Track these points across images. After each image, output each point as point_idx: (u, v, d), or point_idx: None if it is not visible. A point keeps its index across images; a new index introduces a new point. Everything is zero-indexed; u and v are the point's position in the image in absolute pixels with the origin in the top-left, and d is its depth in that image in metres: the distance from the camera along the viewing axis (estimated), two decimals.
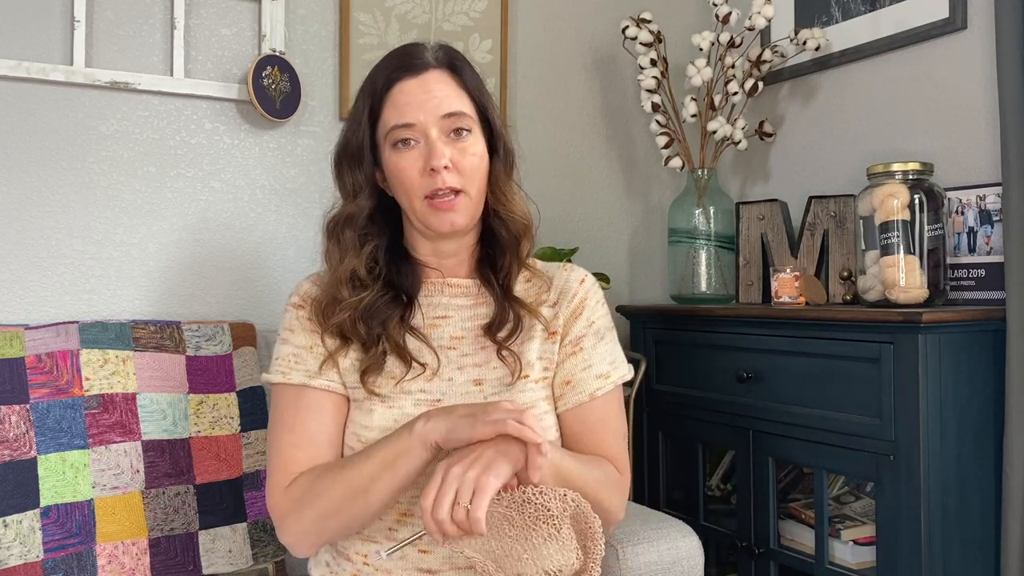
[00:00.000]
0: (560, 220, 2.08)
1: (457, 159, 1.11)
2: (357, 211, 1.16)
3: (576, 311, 1.20)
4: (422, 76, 1.12)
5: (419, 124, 1.10)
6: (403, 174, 1.12)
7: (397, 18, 1.88)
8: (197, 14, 1.70)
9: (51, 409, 1.34)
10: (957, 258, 1.67)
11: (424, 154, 1.10)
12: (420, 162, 1.10)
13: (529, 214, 1.21)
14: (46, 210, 1.59)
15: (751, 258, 2.00)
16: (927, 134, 1.77)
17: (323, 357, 1.15)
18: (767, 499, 1.64)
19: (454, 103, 1.12)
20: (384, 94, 1.12)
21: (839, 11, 1.95)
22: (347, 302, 1.13)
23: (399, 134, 1.11)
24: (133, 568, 1.34)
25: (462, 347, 1.17)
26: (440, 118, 1.10)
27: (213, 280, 1.72)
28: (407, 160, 1.11)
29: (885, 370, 1.42)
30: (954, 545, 1.43)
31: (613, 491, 1.16)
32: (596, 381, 1.19)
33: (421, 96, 1.10)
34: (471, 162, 1.12)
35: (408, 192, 1.13)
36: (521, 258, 1.20)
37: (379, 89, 1.13)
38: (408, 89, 1.11)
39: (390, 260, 1.19)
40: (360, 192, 1.16)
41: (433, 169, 1.09)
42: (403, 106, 1.11)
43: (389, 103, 1.12)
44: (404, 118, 1.10)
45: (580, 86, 2.13)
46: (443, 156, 1.09)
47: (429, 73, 1.12)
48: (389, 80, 1.12)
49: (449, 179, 1.10)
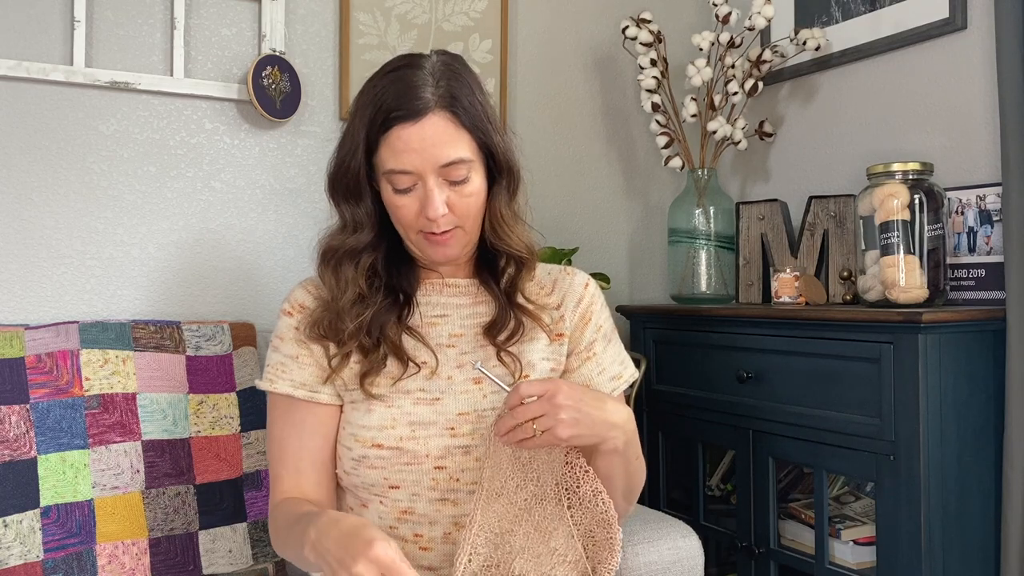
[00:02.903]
0: (560, 220, 2.08)
1: (454, 201, 1.09)
2: (357, 244, 1.15)
3: (584, 317, 1.21)
4: (420, 123, 1.06)
5: (416, 171, 1.08)
6: (399, 211, 1.11)
7: (397, 18, 1.88)
8: (197, 14, 1.70)
9: (51, 409, 1.34)
10: (957, 258, 1.67)
11: (420, 198, 1.09)
12: (416, 205, 1.09)
13: (530, 245, 1.18)
14: (46, 210, 1.59)
15: (751, 258, 2.00)
16: (927, 134, 1.77)
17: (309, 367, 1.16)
18: (767, 499, 1.64)
19: (452, 151, 1.08)
20: (381, 134, 1.08)
21: (839, 11, 1.95)
22: (351, 330, 1.12)
23: (396, 178, 1.09)
24: (133, 568, 1.34)
25: (461, 345, 1.17)
26: (438, 167, 1.08)
27: (213, 280, 1.72)
28: (403, 200, 1.10)
29: (885, 370, 1.42)
30: (954, 545, 1.43)
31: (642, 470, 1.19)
32: (611, 383, 1.21)
33: (418, 144, 1.07)
34: (467, 203, 1.10)
35: (404, 227, 1.12)
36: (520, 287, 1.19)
37: (376, 126, 1.09)
38: (405, 136, 1.07)
39: (389, 264, 1.18)
40: (361, 228, 1.14)
41: (428, 218, 1.08)
42: (400, 152, 1.07)
43: (386, 144, 1.08)
44: (401, 164, 1.07)
45: (580, 86, 2.13)
46: (439, 207, 1.08)
47: (427, 119, 1.07)
48: (387, 122, 1.08)
49: (444, 223, 1.09)
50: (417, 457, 1.10)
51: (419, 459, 1.10)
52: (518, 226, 1.18)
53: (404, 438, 1.10)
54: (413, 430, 1.11)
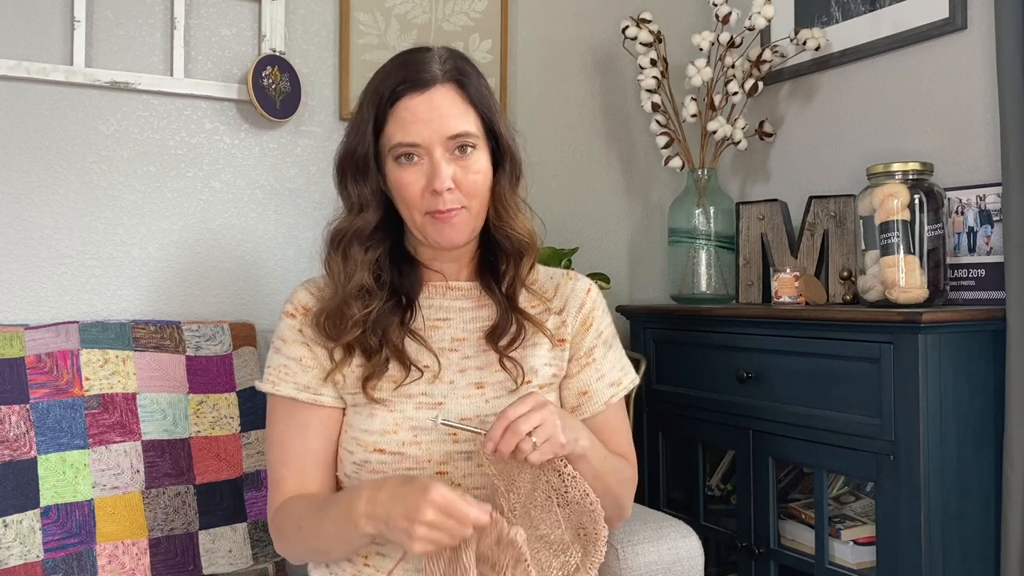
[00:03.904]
0: (560, 220, 2.08)
1: (460, 177, 1.09)
2: (364, 225, 1.14)
3: (586, 323, 1.21)
4: (428, 93, 1.08)
5: (423, 143, 1.08)
6: (405, 190, 1.10)
7: (397, 18, 1.88)
8: (197, 14, 1.70)
9: (51, 409, 1.34)
10: (957, 258, 1.67)
11: (427, 172, 1.09)
12: (423, 179, 1.09)
13: (532, 232, 1.19)
14: (46, 210, 1.59)
15: (751, 258, 2.00)
16: (927, 134, 1.77)
17: (312, 370, 1.15)
18: (767, 499, 1.64)
19: (459, 123, 1.09)
20: (389, 107, 1.09)
21: (839, 11, 1.95)
22: (357, 318, 1.12)
23: (403, 151, 1.09)
24: (133, 568, 1.34)
25: (464, 349, 1.17)
26: (445, 139, 1.08)
27: (213, 280, 1.72)
28: (409, 176, 1.10)
29: (885, 370, 1.42)
30: (954, 545, 1.43)
31: (632, 490, 1.22)
32: (610, 389, 1.21)
33: (426, 115, 1.08)
34: (474, 180, 1.11)
35: (409, 206, 1.12)
36: (522, 277, 1.19)
37: (384, 101, 1.10)
38: (413, 106, 1.08)
39: (392, 264, 1.18)
40: (367, 206, 1.14)
41: (435, 191, 1.08)
42: (408, 123, 1.08)
43: (393, 117, 1.09)
44: (408, 136, 1.08)
45: (580, 86, 2.13)
46: (446, 179, 1.08)
47: (435, 89, 1.09)
48: (395, 94, 1.09)
49: (451, 200, 1.09)
50: (419, 462, 1.10)
51: (421, 464, 1.10)
52: (521, 212, 1.18)
53: (406, 443, 1.10)
54: (415, 435, 1.11)
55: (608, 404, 1.21)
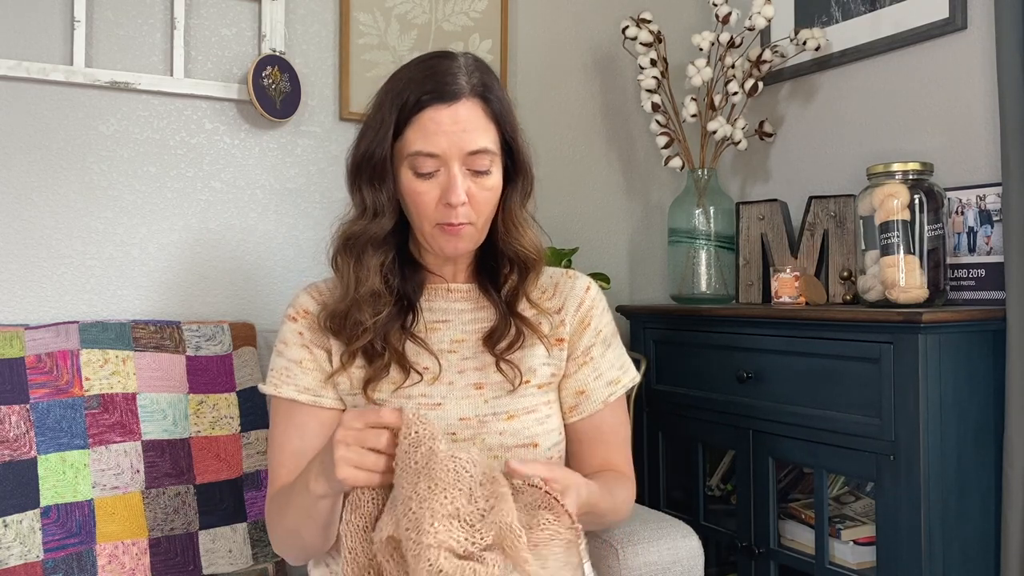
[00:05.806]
0: (560, 220, 2.08)
1: (473, 192, 1.09)
2: (380, 231, 1.13)
3: (584, 321, 1.21)
4: (454, 107, 1.07)
5: (443, 154, 1.07)
6: (419, 199, 1.10)
7: (397, 18, 1.88)
8: (197, 14, 1.70)
9: (51, 409, 1.34)
10: (957, 258, 1.67)
11: (442, 184, 1.08)
12: (437, 191, 1.09)
13: (540, 248, 1.18)
14: (46, 210, 1.59)
15: (751, 258, 2.00)
16: (927, 134, 1.77)
17: (313, 372, 1.16)
18: (767, 499, 1.64)
19: (480, 139, 1.08)
20: (412, 115, 1.08)
21: (839, 11, 1.95)
22: (367, 325, 1.12)
23: (421, 161, 1.08)
24: (133, 568, 1.34)
25: (463, 351, 1.17)
26: (465, 153, 1.08)
27: (213, 280, 1.72)
28: (424, 186, 1.09)
29: (885, 370, 1.42)
30: (954, 545, 1.43)
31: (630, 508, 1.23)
32: (607, 388, 1.21)
33: (450, 127, 1.07)
34: (485, 196, 1.11)
35: (421, 216, 1.11)
36: (526, 291, 1.19)
37: (408, 107, 1.08)
38: (438, 118, 1.07)
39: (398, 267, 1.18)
40: (382, 213, 1.13)
41: (449, 204, 1.08)
42: (431, 134, 1.07)
43: (416, 125, 1.08)
44: (429, 146, 1.07)
45: (580, 86, 2.13)
46: (461, 193, 1.07)
47: (461, 103, 1.07)
48: (420, 103, 1.08)
49: (463, 214, 1.09)
50: None
51: None
52: (529, 228, 1.18)
53: None
54: None
55: (606, 403, 1.21)
